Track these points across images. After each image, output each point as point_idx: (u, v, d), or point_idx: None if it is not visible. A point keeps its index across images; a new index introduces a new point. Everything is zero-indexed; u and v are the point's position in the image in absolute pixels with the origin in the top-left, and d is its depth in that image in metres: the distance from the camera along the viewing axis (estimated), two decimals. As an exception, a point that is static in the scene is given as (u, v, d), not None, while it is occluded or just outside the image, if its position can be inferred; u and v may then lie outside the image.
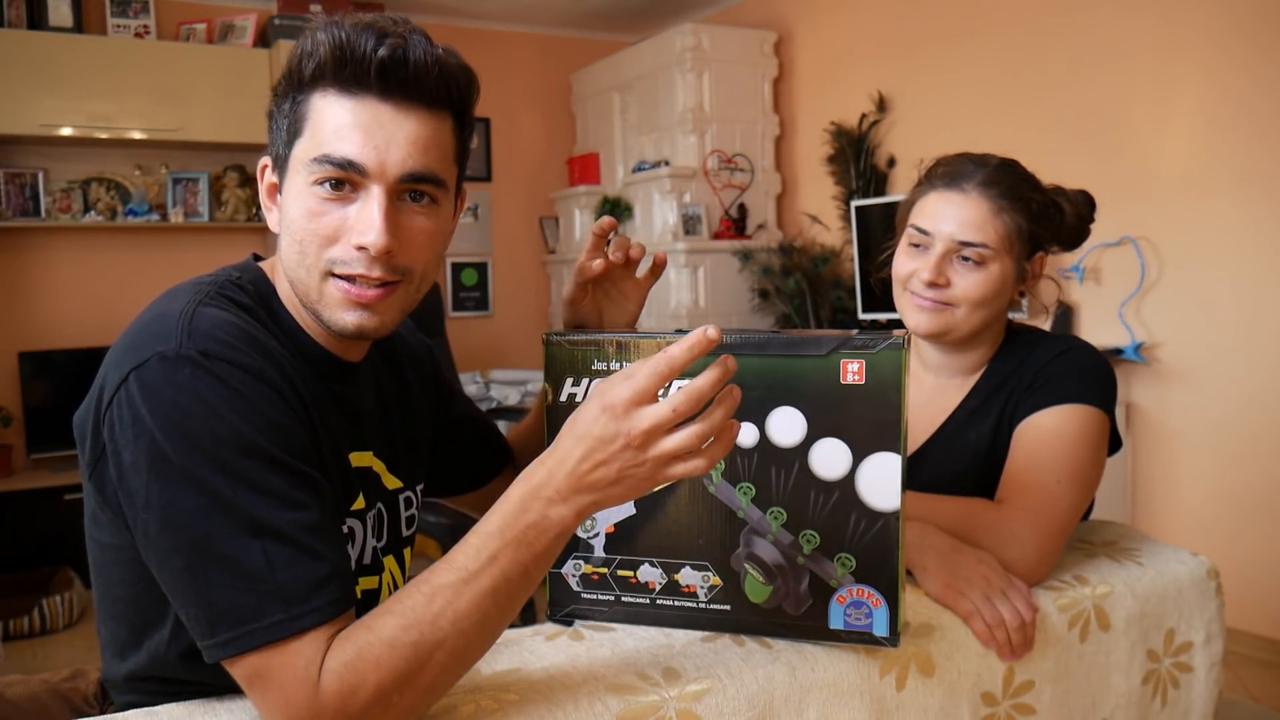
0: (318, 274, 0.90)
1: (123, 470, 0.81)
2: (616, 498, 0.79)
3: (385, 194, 0.87)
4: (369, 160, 0.87)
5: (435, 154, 0.90)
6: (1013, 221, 1.26)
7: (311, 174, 0.88)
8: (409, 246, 0.90)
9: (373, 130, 0.87)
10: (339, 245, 0.88)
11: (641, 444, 0.76)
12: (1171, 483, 3.23)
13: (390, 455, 1.07)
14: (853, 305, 4.19)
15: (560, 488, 0.78)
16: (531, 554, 0.79)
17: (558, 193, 5.37)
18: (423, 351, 1.21)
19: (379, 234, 0.87)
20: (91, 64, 4.13)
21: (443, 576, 0.78)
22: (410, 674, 0.76)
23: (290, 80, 0.90)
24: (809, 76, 4.65)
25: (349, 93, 0.87)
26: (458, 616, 0.77)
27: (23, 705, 1.03)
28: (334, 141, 0.87)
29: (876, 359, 0.89)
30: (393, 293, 0.91)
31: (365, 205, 0.88)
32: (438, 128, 0.90)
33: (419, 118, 0.89)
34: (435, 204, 0.92)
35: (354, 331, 0.91)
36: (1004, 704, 1.06)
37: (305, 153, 0.89)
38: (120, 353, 0.84)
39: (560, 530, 0.79)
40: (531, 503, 0.79)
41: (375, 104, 0.87)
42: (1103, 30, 3.33)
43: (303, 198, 0.89)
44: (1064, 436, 1.21)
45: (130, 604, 0.92)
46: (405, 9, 4.92)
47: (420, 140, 0.89)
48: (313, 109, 0.89)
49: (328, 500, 0.85)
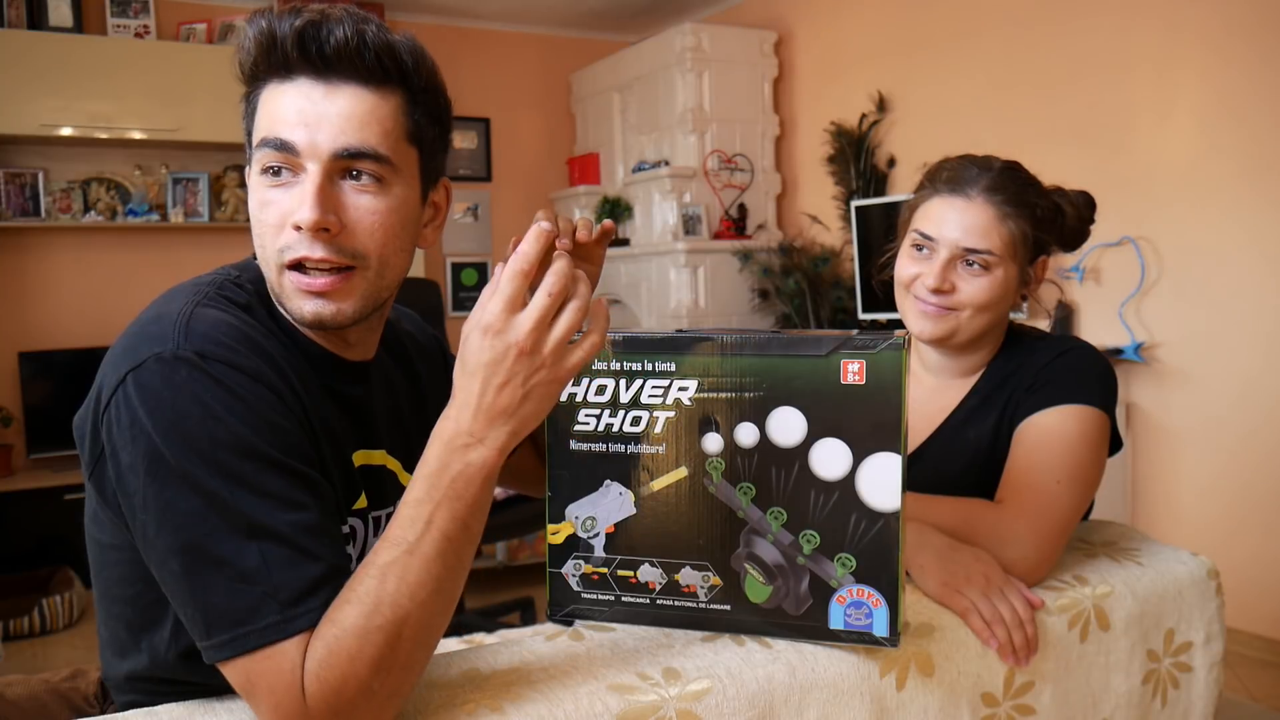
0: (274, 266, 0.89)
1: (121, 471, 0.81)
2: (532, 416, 0.79)
3: (321, 172, 0.86)
4: (299, 139, 0.86)
5: (374, 130, 0.88)
6: (1017, 228, 1.26)
7: (259, 163, 0.89)
8: (355, 228, 0.88)
9: (304, 109, 0.86)
10: (285, 231, 0.88)
11: (533, 346, 0.77)
12: (1171, 483, 3.23)
13: (405, 453, 1.06)
14: (853, 305, 4.19)
15: (472, 429, 0.78)
16: (465, 506, 0.78)
17: (558, 193, 5.37)
18: (433, 345, 1.21)
19: (309, 209, 0.85)
20: (91, 64, 4.13)
21: (386, 554, 0.77)
22: (385, 658, 0.75)
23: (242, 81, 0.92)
24: (809, 76, 4.65)
25: (286, 79, 0.88)
26: (413, 589, 0.77)
27: (23, 705, 1.03)
28: (271, 126, 0.87)
29: (876, 359, 0.89)
30: (348, 279, 0.89)
31: (302, 185, 0.87)
32: (377, 104, 0.88)
33: (354, 94, 0.87)
34: (380, 183, 0.89)
35: (312, 320, 0.90)
36: (1004, 704, 1.06)
37: (254, 144, 0.90)
38: (118, 354, 0.84)
39: (485, 473, 0.79)
40: (449, 456, 0.78)
41: (307, 84, 0.87)
42: (1103, 31, 3.33)
43: (255, 189, 0.90)
44: (1064, 437, 1.21)
45: (130, 604, 0.92)
46: (405, 9, 4.92)
47: (355, 116, 0.87)
48: (261, 102, 0.90)
49: (327, 500, 0.85)
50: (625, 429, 0.96)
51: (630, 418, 0.96)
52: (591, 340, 0.80)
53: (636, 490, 0.97)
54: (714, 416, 0.94)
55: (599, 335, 0.80)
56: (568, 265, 0.78)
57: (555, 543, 1.00)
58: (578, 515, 0.99)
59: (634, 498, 0.97)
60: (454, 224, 5.27)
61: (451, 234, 5.26)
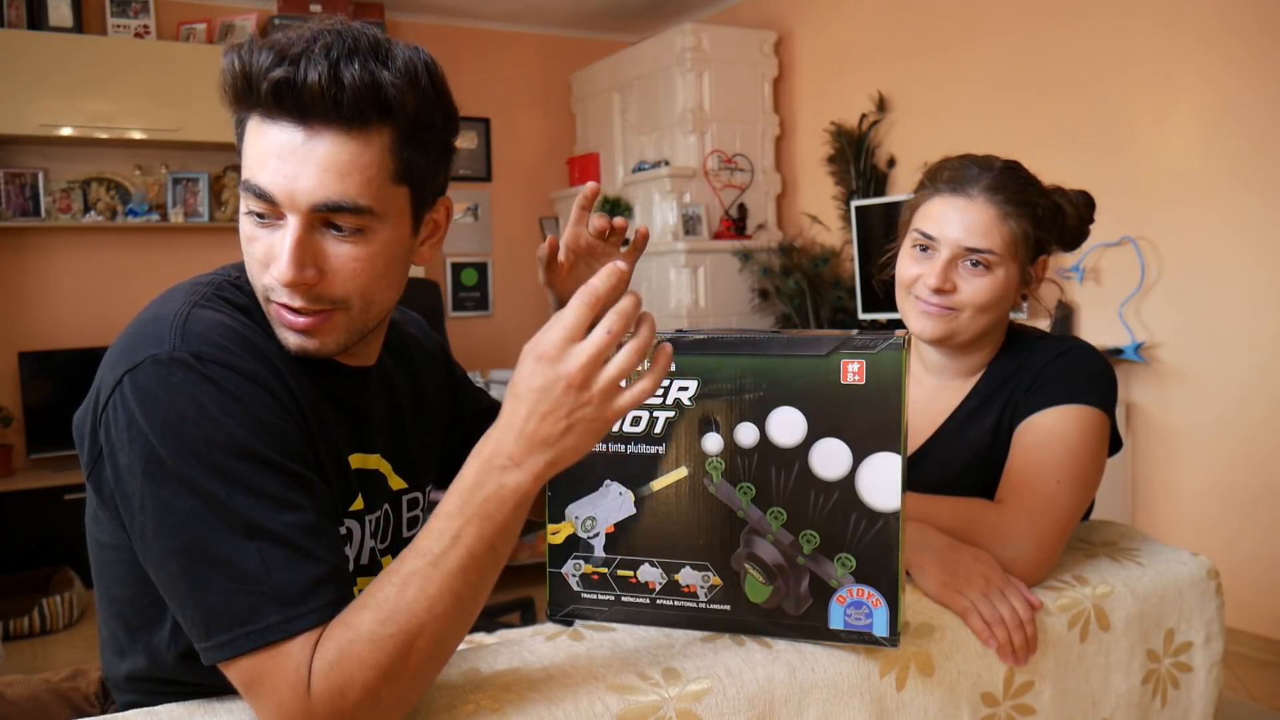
0: (261, 297, 0.90)
1: (119, 472, 0.81)
2: (571, 450, 0.78)
3: (301, 224, 0.84)
4: (278, 191, 0.83)
5: (355, 180, 0.83)
6: (1018, 227, 1.26)
7: (244, 200, 0.87)
8: (336, 276, 0.86)
9: (285, 158, 0.83)
10: (269, 271, 0.87)
11: (582, 382, 0.75)
12: (1171, 483, 3.23)
13: (399, 457, 1.06)
14: (853, 305, 4.19)
15: (512, 453, 0.77)
16: (494, 526, 0.78)
17: (558, 193, 5.37)
18: (436, 351, 1.21)
19: (283, 268, 0.84)
20: (91, 64, 4.12)
21: (411, 564, 0.77)
22: (395, 666, 0.75)
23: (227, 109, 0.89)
24: (809, 76, 4.65)
25: (270, 117, 0.83)
26: (431, 601, 0.76)
27: (23, 705, 1.03)
28: (254, 169, 0.85)
29: (877, 359, 0.89)
30: (330, 318, 0.88)
31: (281, 236, 0.85)
32: (360, 150, 0.83)
33: (334, 142, 0.82)
34: (362, 232, 0.86)
35: (297, 351, 0.89)
36: (1004, 704, 1.06)
37: (243, 177, 0.87)
38: (116, 355, 0.84)
39: (519, 498, 0.78)
40: (486, 475, 0.78)
41: (290, 128, 0.83)
42: (1103, 31, 3.33)
43: (243, 223, 0.89)
44: (1064, 437, 1.21)
45: (129, 604, 0.92)
46: (405, 9, 4.92)
47: (335, 166, 0.83)
48: (247, 131, 0.87)
49: (324, 501, 0.85)
50: (625, 429, 0.96)
51: (630, 418, 0.96)
52: (642, 386, 0.77)
53: (636, 490, 0.97)
54: (714, 416, 0.94)
55: (651, 382, 0.78)
56: (632, 306, 0.76)
57: (555, 543, 1.00)
58: (577, 515, 0.99)
59: (634, 498, 0.97)
60: (454, 224, 5.26)
61: (451, 234, 5.23)
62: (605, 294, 0.76)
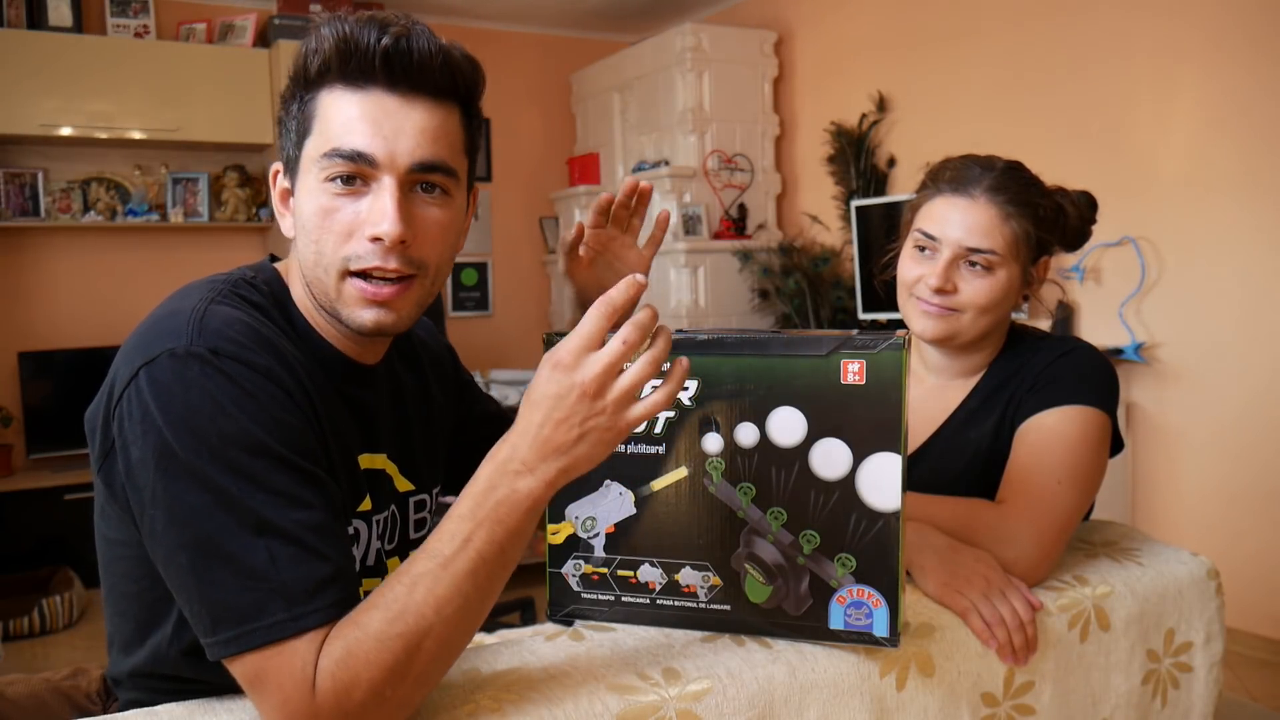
0: (335, 273, 0.90)
1: (131, 466, 0.81)
2: (585, 458, 0.78)
3: (397, 184, 0.88)
4: (378, 151, 0.87)
5: (445, 143, 0.90)
6: (1020, 227, 1.26)
7: (323, 170, 0.88)
8: (423, 238, 0.91)
9: (381, 121, 0.87)
10: (354, 240, 0.88)
11: (597, 391, 0.76)
12: (1172, 483, 3.23)
13: (405, 458, 1.07)
14: (853, 305, 4.19)
15: (525, 458, 0.78)
16: (505, 531, 0.78)
17: (558, 193, 5.37)
18: (444, 353, 1.22)
19: (392, 223, 0.87)
20: (91, 64, 4.12)
21: (421, 565, 0.78)
22: (401, 667, 0.75)
23: (298, 80, 0.91)
24: (809, 76, 4.65)
25: (355, 86, 0.88)
26: (440, 603, 0.76)
27: (23, 703, 1.03)
28: (343, 135, 0.87)
29: (877, 359, 0.89)
30: (409, 288, 0.91)
31: (378, 197, 0.88)
32: (445, 118, 0.91)
33: (426, 108, 0.89)
34: (447, 195, 0.92)
35: (373, 328, 0.91)
36: (1004, 704, 1.06)
37: (315, 149, 0.89)
38: (132, 349, 0.84)
39: (531, 504, 0.79)
40: (499, 479, 0.78)
41: (381, 95, 0.88)
42: (1103, 30, 3.33)
43: (315, 196, 0.89)
44: (1065, 437, 1.21)
45: (135, 600, 0.92)
46: (406, 8, 4.90)
47: (429, 129, 0.89)
48: (321, 106, 0.89)
49: (334, 501, 0.85)
50: (625, 429, 0.96)
51: (630, 418, 0.96)
52: (656, 398, 0.78)
53: (636, 490, 0.97)
54: (714, 416, 0.94)
55: (665, 395, 0.79)
56: (649, 318, 0.77)
57: (555, 543, 1.00)
58: (577, 515, 0.99)
59: (634, 498, 0.97)
60: (454, 224, 5.26)
61: (451, 234, 5.25)
62: (623, 304, 0.77)
